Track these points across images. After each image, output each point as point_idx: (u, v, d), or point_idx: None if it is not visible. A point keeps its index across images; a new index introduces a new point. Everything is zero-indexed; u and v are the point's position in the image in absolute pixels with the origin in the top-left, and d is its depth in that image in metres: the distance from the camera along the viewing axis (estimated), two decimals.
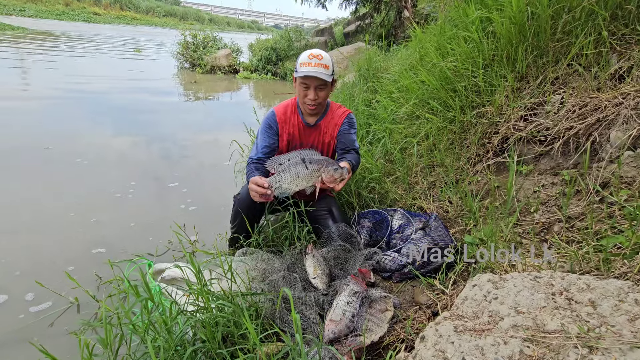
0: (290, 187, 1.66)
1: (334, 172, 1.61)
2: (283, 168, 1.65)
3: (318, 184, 1.66)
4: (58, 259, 2.05)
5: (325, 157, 1.68)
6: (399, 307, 1.57)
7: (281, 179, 1.65)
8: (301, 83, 1.83)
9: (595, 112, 1.76)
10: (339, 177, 1.61)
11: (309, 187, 1.68)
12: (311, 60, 1.78)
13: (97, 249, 2.18)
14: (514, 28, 2.05)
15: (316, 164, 1.64)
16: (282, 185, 1.66)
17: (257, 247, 1.93)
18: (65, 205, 2.64)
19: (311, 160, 1.64)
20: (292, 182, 1.65)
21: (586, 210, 1.60)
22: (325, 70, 1.79)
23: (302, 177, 1.64)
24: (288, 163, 1.65)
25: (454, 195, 2.14)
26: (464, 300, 1.24)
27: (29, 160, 3.36)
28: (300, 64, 1.80)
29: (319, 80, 1.80)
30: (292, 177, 1.64)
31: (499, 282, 1.23)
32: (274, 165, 1.67)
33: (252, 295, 1.43)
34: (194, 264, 1.30)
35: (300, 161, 1.64)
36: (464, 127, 2.32)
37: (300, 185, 1.67)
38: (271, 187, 1.66)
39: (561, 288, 1.09)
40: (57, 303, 1.71)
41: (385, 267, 1.77)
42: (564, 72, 2.03)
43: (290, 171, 1.64)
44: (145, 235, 2.35)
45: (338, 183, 1.63)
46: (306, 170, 1.63)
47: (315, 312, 1.50)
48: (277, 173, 1.66)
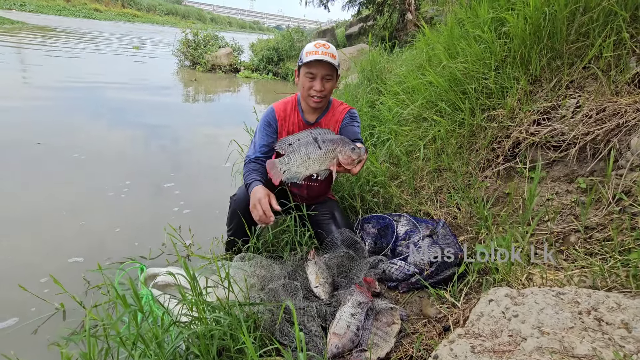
0: (299, 170, 1.47)
1: (352, 152, 1.40)
2: (292, 149, 1.46)
3: (334, 166, 1.46)
4: (43, 262, 1.95)
5: (341, 136, 1.49)
6: (406, 319, 1.48)
7: (290, 160, 1.47)
8: (307, 73, 1.73)
9: (615, 117, 1.68)
10: (357, 158, 1.41)
11: (322, 170, 1.48)
12: (318, 49, 1.68)
13: (88, 251, 2.07)
14: (529, 28, 1.97)
15: (330, 143, 1.43)
16: (291, 168, 1.48)
17: (255, 251, 1.83)
18: (56, 204, 2.54)
19: (324, 139, 1.44)
20: (303, 165, 1.46)
21: (605, 221, 1.51)
22: (332, 59, 1.70)
23: (315, 158, 1.44)
24: (298, 143, 1.45)
25: (462, 201, 2.05)
26: (480, 316, 1.14)
27: (19, 156, 3.25)
28: (306, 53, 1.70)
29: (326, 69, 1.70)
30: (303, 159, 1.45)
31: (517, 298, 1.14)
32: (282, 147, 1.51)
33: (251, 305, 1.33)
34: (189, 270, 1.20)
35: (312, 140, 1.44)
36: (474, 131, 2.23)
37: (312, 169, 1.47)
38: (280, 168, 1.50)
39: (588, 307, 1.00)
40: (23, 318, 1.57)
41: (392, 276, 1.68)
42: (579, 76, 1.95)
43: (300, 152, 1.44)
44: (139, 237, 2.24)
45: (355, 165, 1.44)
46: (319, 151, 1.43)
47: (318, 324, 1.41)
48: (285, 154, 1.49)
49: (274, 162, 1.54)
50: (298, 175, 1.49)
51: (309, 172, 1.49)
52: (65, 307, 1.60)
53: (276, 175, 1.52)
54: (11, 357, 1.13)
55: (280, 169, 1.50)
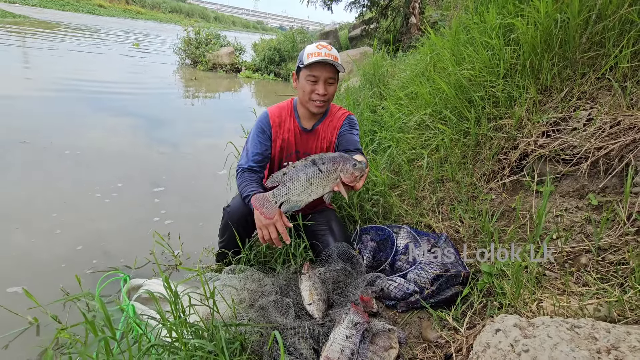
0: (301, 198, 1.35)
1: (354, 170, 1.32)
2: (289, 177, 1.34)
3: (338, 186, 1.35)
4: (19, 268, 1.85)
5: (339, 153, 1.40)
6: (404, 343, 1.38)
7: (289, 190, 1.35)
8: (308, 76, 1.63)
9: (630, 131, 1.59)
10: (360, 174, 1.33)
11: (326, 194, 1.37)
12: (321, 50, 1.59)
13: (68, 255, 1.97)
14: (539, 35, 1.88)
15: (331, 163, 1.33)
16: (291, 197, 1.35)
17: (247, 263, 1.73)
18: (40, 205, 2.44)
19: (324, 160, 1.34)
20: (305, 192, 1.34)
21: (619, 242, 1.42)
22: (335, 61, 1.60)
23: (317, 182, 1.33)
24: (295, 169, 1.34)
25: (465, 214, 1.95)
26: (486, 347, 1.05)
27: (8, 155, 3.15)
28: (308, 55, 1.59)
29: (329, 71, 1.61)
30: (304, 185, 1.33)
31: (527, 329, 1.04)
32: (276, 179, 1.37)
33: (237, 326, 1.23)
34: (170, 288, 1.11)
35: (311, 164, 1.33)
36: (479, 141, 2.14)
37: (315, 194, 1.35)
38: (276, 201, 1.37)
39: (608, 344, 0.91)
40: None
41: (390, 294, 1.58)
42: (591, 87, 1.86)
43: (299, 178, 1.33)
44: (125, 244, 2.14)
45: (359, 180, 1.35)
46: (320, 174, 1.33)
47: (309, 346, 1.31)
48: (281, 184, 1.36)
49: (265, 197, 1.38)
50: (299, 204, 1.37)
51: (312, 199, 1.37)
52: (39, 322, 1.50)
53: (269, 211, 1.38)
54: None
55: (275, 202, 1.37)
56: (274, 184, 1.37)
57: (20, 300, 1.53)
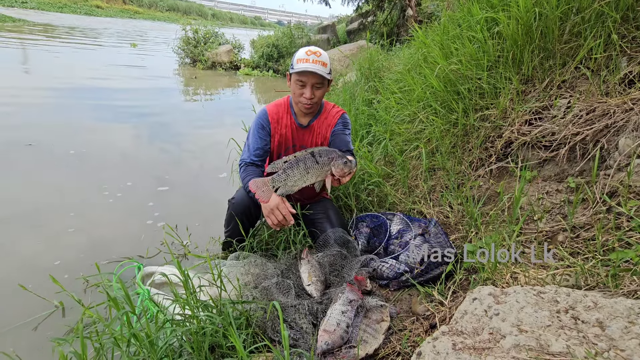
0: (297, 184, 1.60)
1: (344, 166, 1.56)
2: (289, 165, 1.57)
3: (328, 178, 1.60)
4: (42, 259, 1.99)
5: (334, 149, 1.63)
6: (395, 317, 1.52)
7: (287, 176, 1.58)
8: (297, 80, 1.75)
9: (604, 117, 1.70)
10: (348, 171, 1.57)
11: (317, 182, 1.62)
12: (309, 57, 1.70)
13: (84, 250, 2.12)
14: (520, 29, 1.98)
15: (327, 157, 1.58)
16: (288, 182, 1.59)
17: (251, 250, 1.87)
18: (56, 201, 2.59)
19: (321, 153, 1.58)
20: (301, 179, 1.59)
21: (592, 220, 1.54)
22: (323, 67, 1.71)
23: (312, 172, 1.58)
24: (295, 159, 1.58)
25: (454, 200, 2.08)
26: (464, 314, 1.18)
27: (8, 158, 3.25)
28: (297, 60, 1.72)
29: (316, 78, 1.73)
30: (301, 173, 1.57)
31: (500, 297, 1.17)
32: (277, 166, 1.59)
33: (243, 303, 1.37)
34: (182, 270, 1.24)
35: (310, 155, 1.57)
36: (467, 131, 2.25)
37: (309, 181, 1.60)
38: (273, 186, 1.59)
39: (567, 306, 1.03)
40: (22, 316, 1.60)
41: (383, 274, 1.72)
42: (571, 76, 1.96)
43: (298, 167, 1.56)
44: (137, 236, 2.29)
45: (346, 176, 1.59)
46: (316, 165, 1.57)
47: (309, 322, 1.45)
48: (281, 171, 1.58)
49: (263, 181, 1.60)
50: (294, 189, 1.60)
51: (305, 185, 1.61)
52: (64, 305, 1.65)
53: (265, 194, 1.60)
54: (11, 355, 1.17)
55: (272, 187, 1.59)
56: (274, 170, 1.58)
57: (41, 288, 1.69)
